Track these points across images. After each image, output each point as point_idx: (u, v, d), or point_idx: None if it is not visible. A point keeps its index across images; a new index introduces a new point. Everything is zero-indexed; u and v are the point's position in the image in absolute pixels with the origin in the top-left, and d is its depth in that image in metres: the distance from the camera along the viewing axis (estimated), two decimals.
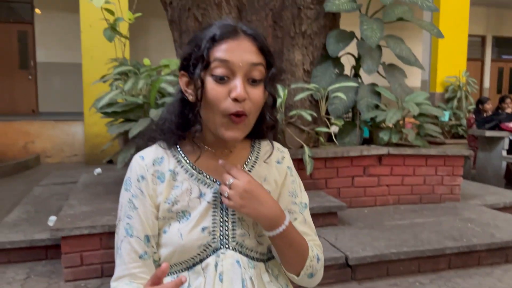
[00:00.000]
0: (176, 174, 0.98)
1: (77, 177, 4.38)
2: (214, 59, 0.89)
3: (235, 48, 0.90)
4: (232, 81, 0.89)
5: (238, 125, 0.91)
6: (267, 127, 1.03)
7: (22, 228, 2.93)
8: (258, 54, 0.92)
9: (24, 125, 7.43)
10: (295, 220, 1.06)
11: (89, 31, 6.65)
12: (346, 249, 2.63)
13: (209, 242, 0.96)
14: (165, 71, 3.44)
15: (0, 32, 9.20)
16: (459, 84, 8.16)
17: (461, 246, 2.77)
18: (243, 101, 0.89)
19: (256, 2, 3.71)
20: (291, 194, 1.07)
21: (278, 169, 1.07)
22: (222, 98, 0.89)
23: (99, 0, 3.15)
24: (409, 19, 3.98)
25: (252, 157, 1.05)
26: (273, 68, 0.95)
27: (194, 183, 0.98)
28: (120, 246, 0.97)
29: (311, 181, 3.42)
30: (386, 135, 3.67)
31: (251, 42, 0.92)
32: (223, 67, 0.89)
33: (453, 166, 3.81)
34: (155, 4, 4.79)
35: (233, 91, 0.88)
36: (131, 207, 0.97)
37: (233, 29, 0.92)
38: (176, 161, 0.99)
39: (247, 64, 0.90)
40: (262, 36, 0.95)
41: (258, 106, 0.93)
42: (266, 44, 0.94)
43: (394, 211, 3.52)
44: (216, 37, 0.90)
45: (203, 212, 0.96)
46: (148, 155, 0.99)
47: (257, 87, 0.92)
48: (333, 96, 3.67)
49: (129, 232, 0.96)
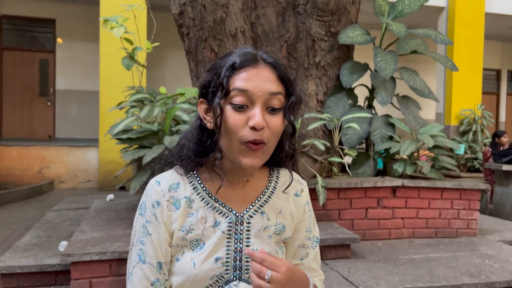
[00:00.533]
0: (192, 202, 0.97)
1: (89, 203, 4.40)
2: (234, 88, 0.89)
3: (255, 77, 0.90)
4: (251, 109, 0.89)
5: (256, 153, 0.90)
6: (286, 156, 1.03)
7: (33, 252, 2.93)
8: (277, 83, 0.92)
9: (40, 150, 7.56)
10: (307, 255, 1.07)
11: (108, 60, 6.84)
12: (359, 283, 2.56)
13: (222, 274, 0.95)
14: (181, 100, 3.49)
15: (23, 60, 9.51)
16: (474, 117, 8.11)
17: (479, 283, 2.67)
18: (261, 130, 0.89)
19: (271, 33, 3.79)
20: (308, 229, 1.07)
21: (295, 203, 1.05)
22: (240, 126, 0.89)
23: (119, 30, 3.25)
24: (423, 52, 4.01)
25: (269, 187, 1.04)
26: (293, 96, 0.94)
27: (209, 212, 0.97)
28: (132, 271, 0.96)
29: (323, 212, 3.37)
30: (400, 167, 3.63)
31: (270, 71, 0.92)
32: (242, 96, 0.89)
33: (469, 200, 3.73)
34: (172, 34, 4.92)
35: (251, 119, 0.88)
36: (144, 233, 0.96)
37: (253, 57, 0.92)
38: (192, 188, 0.98)
39: (266, 94, 0.89)
40: (282, 65, 0.95)
41: (276, 134, 0.93)
42: (286, 73, 0.94)
43: (408, 245, 3.44)
44: (236, 65, 0.90)
45: (217, 242, 0.95)
46: (165, 181, 0.99)
47: (276, 116, 0.92)
48: (347, 127, 3.67)
49: (142, 258, 0.95)
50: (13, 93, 9.42)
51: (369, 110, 4.02)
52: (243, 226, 0.98)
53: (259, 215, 0.99)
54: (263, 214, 1.00)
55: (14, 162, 7.40)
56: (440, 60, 4.08)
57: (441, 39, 3.98)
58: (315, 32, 3.81)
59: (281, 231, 1.02)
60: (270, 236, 1.00)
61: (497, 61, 12.50)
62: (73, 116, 9.65)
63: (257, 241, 0.98)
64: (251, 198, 1.01)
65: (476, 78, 8.47)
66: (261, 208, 1.00)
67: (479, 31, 8.47)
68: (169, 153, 1.05)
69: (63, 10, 9.39)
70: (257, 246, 0.98)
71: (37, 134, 9.52)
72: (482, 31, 8.51)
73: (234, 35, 3.53)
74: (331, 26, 3.85)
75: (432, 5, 8.41)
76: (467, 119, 8.17)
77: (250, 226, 0.98)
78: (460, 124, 8.30)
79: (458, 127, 8.31)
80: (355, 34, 3.82)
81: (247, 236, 0.98)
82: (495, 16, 9.12)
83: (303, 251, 1.06)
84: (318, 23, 3.81)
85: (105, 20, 3.32)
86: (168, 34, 6.62)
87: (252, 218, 0.99)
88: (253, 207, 1.00)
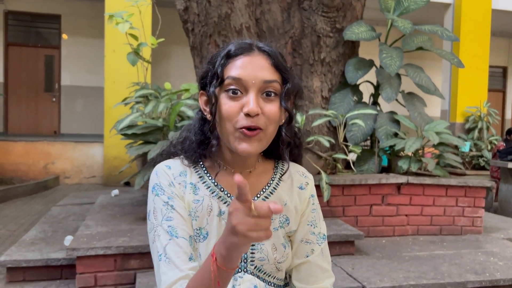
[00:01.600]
0: (197, 189, 0.96)
1: (94, 198, 4.42)
2: (228, 77, 0.89)
3: (248, 65, 0.89)
4: (245, 96, 0.89)
5: (251, 139, 0.89)
6: (283, 143, 1.01)
7: (38, 247, 2.95)
8: (272, 71, 0.91)
9: (46, 146, 7.59)
10: (312, 251, 1.03)
11: (113, 56, 6.85)
12: (363, 280, 2.56)
13: None
14: (185, 95, 3.49)
15: (28, 56, 9.54)
16: (480, 115, 8.06)
17: (484, 280, 2.66)
18: (256, 116, 0.88)
19: (276, 29, 3.78)
20: (311, 223, 1.05)
21: (299, 196, 1.04)
22: (235, 113, 0.88)
23: (124, 26, 3.26)
24: (429, 48, 3.99)
25: (274, 179, 1.03)
26: (288, 83, 0.93)
27: (214, 200, 0.96)
28: (166, 250, 0.88)
29: (328, 209, 3.37)
30: (405, 164, 3.62)
31: (265, 59, 0.91)
32: (236, 84, 0.89)
33: (474, 197, 3.71)
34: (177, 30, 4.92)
35: (245, 106, 0.88)
36: (169, 209, 0.92)
37: (248, 46, 0.92)
38: (198, 176, 0.98)
39: (260, 81, 0.89)
40: (277, 53, 0.94)
41: (274, 121, 0.91)
42: (281, 61, 0.93)
43: (413, 242, 3.43)
44: (230, 53, 0.91)
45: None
46: (174, 166, 0.98)
47: (272, 103, 0.91)
48: (351, 123, 3.66)
49: (174, 234, 0.90)
50: (18, 88, 9.46)
51: (374, 107, 4.01)
52: None
53: None
54: None
55: (19, 158, 7.44)
56: (446, 57, 4.06)
57: (447, 35, 3.96)
58: (320, 28, 3.80)
59: (284, 223, 1.01)
60: (276, 228, 1.00)
61: (503, 58, 12.41)
62: (78, 111, 9.69)
63: None
64: (256, 189, 1.00)
65: (482, 75, 8.41)
66: (266, 199, 1.00)
67: (486, 28, 8.41)
68: (171, 145, 1.04)
69: (68, 6, 9.41)
70: None
71: (42, 130, 9.57)
72: (488, 27, 8.44)
73: (239, 31, 3.53)
74: (337, 22, 3.84)
75: (438, 1, 8.35)
76: (472, 117, 8.13)
77: None
78: (465, 122, 8.26)
79: (464, 125, 8.26)
80: (361, 30, 3.81)
81: None
82: (502, 12, 9.04)
83: (307, 246, 1.03)
84: (323, 19, 3.79)
85: (111, 16, 3.32)
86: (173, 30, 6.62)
87: None
88: (258, 198, 0.99)
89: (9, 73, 9.41)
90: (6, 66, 9.38)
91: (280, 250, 0.99)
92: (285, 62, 0.95)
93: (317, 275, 1.03)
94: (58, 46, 9.62)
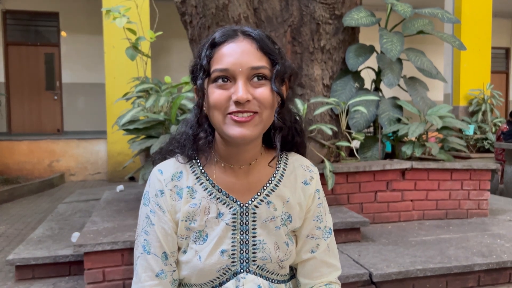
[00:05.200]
0: (194, 192, 0.94)
1: (99, 194, 4.44)
2: (214, 70, 0.86)
3: (233, 52, 0.86)
4: (234, 85, 0.86)
5: (246, 124, 0.86)
6: (274, 128, 0.95)
7: (46, 244, 2.97)
8: (258, 55, 0.87)
9: (50, 144, 7.62)
10: (318, 247, 1.01)
11: (112, 52, 6.83)
12: (370, 266, 2.56)
13: (229, 266, 0.93)
14: (186, 88, 3.48)
15: (28, 54, 9.54)
16: (483, 97, 8.00)
17: (491, 263, 2.66)
18: (246, 103, 0.85)
19: (274, 18, 3.75)
20: (316, 218, 1.02)
21: (304, 191, 1.00)
22: (223, 101, 0.86)
23: (122, 20, 3.24)
24: (430, 31, 3.94)
25: (276, 174, 0.99)
26: (278, 65, 0.89)
27: (212, 202, 0.94)
28: (137, 262, 0.94)
29: (332, 197, 3.37)
30: (409, 149, 3.60)
31: (250, 43, 0.88)
32: (223, 75, 0.86)
33: (479, 180, 3.70)
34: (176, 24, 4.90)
35: (234, 94, 0.85)
36: (148, 223, 0.93)
37: (232, 32, 0.89)
38: (195, 177, 0.95)
39: (247, 69, 0.86)
40: (264, 36, 0.90)
41: (268, 105, 0.88)
42: (268, 43, 0.89)
43: (418, 227, 3.43)
44: (215, 41, 0.88)
45: (222, 234, 0.93)
46: (167, 170, 0.96)
47: (263, 87, 0.87)
48: (354, 110, 3.64)
49: (146, 249, 0.93)
50: (20, 88, 9.48)
51: (376, 93, 3.99)
52: (249, 217, 0.95)
53: (265, 205, 0.96)
54: (270, 204, 0.96)
55: (24, 157, 7.48)
56: (447, 40, 4.01)
57: (448, 18, 3.91)
58: (319, 15, 3.76)
59: (286, 220, 0.98)
60: (278, 227, 0.97)
61: (506, 39, 12.29)
62: (80, 109, 9.70)
63: (263, 232, 0.95)
64: (257, 187, 0.97)
65: (484, 57, 8.33)
66: (267, 197, 0.96)
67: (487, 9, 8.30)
68: (169, 141, 1.02)
69: (66, 3, 9.38)
70: (264, 237, 0.95)
71: (45, 128, 9.59)
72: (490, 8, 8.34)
73: (237, 21, 3.50)
74: (335, 9, 3.80)
75: None
76: (476, 99, 8.06)
77: (255, 216, 0.95)
78: (469, 105, 8.20)
79: (467, 108, 8.21)
80: (360, 16, 3.77)
81: (253, 226, 0.95)
82: None
83: (313, 242, 1.01)
84: (322, 6, 3.76)
85: (107, 11, 3.31)
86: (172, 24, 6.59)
87: (258, 208, 0.95)
88: (259, 196, 0.96)
89: (10, 72, 9.42)
90: (7, 65, 9.39)
91: (283, 249, 0.97)
92: (273, 44, 0.91)
93: (322, 271, 1.02)
94: (58, 44, 9.61)
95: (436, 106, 3.88)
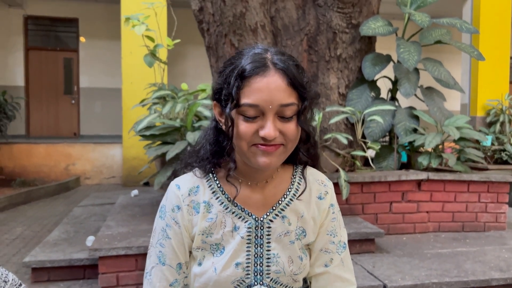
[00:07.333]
0: (211, 206, 0.96)
1: (114, 199, 4.48)
2: (243, 104, 0.86)
3: (264, 88, 0.85)
4: (262, 119, 0.87)
5: (272, 153, 0.88)
6: (300, 163, 1.01)
7: (61, 247, 3.01)
8: (288, 92, 0.87)
9: (66, 148, 7.73)
10: (331, 261, 1.02)
11: (130, 57, 6.92)
12: (384, 278, 2.53)
13: (243, 278, 0.95)
14: (202, 95, 3.51)
15: (48, 59, 9.73)
16: (501, 108, 7.87)
17: (509, 278, 2.61)
18: (272, 140, 0.87)
19: (291, 27, 3.76)
20: (330, 233, 1.03)
21: (318, 206, 1.01)
22: (251, 133, 0.87)
23: (141, 28, 3.29)
24: (448, 41, 3.91)
25: (291, 189, 1.01)
26: (306, 101, 0.89)
27: (228, 216, 0.96)
28: (151, 272, 0.97)
29: (347, 206, 3.35)
30: (425, 160, 3.56)
31: (281, 79, 0.86)
32: (253, 110, 0.86)
33: (497, 192, 3.63)
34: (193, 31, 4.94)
35: (262, 130, 0.86)
36: (164, 236, 0.97)
37: (263, 63, 0.87)
38: (212, 192, 0.97)
39: (277, 106, 0.86)
40: (293, 68, 0.89)
41: (293, 138, 0.90)
42: (298, 77, 0.88)
43: (434, 239, 3.38)
44: (245, 74, 0.87)
45: (237, 248, 0.95)
46: (184, 185, 0.98)
47: (290, 122, 0.89)
48: (370, 120, 3.62)
49: (161, 260, 0.96)
50: (39, 92, 9.66)
51: (392, 103, 3.96)
52: (263, 231, 0.96)
53: (279, 219, 0.97)
54: (284, 218, 0.98)
55: (41, 160, 7.60)
56: (465, 50, 3.97)
57: (466, 28, 3.88)
58: (336, 24, 3.76)
59: (301, 235, 0.99)
60: (292, 241, 0.98)
61: None
62: (97, 113, 9.84)
63: (277, 246, 0.97)
64: (272, 201, 0.98)
65: (503, 67, 8.21)
66: (282, 212, 0.98)
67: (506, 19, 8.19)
68: (188, 153, 1.03)
69: (85, 9, 9.55)
70: (278, 251, 0.96)
71: (62, 132, 9.74)
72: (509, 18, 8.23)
73: (254, 30, 3.52)
74: (352, 18, 3.80)
75: None
76: (494, 110, 7.93)
77: (270, 230, 0.97)
78: (486, 115, 8.07)
79: (485, 118, 8.08)
80: (377, 25, 3.76)
81: (267, 240, 0.96)
82: None
83: (326, 256, 1.02)
84: (339, 15, 3.76)
85: (127, 18, 3.36)
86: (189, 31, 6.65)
87: (273, 222, 0.97)
88: (274, 211, 0.98)
89: (30, 77, 9.61)
90: (27, 70, 9.58)
91: (296, 263, 0.98)
92: (301, 75, 0.90)
93: (336, 286, 1.02)
94: (76, 49, 9.79)
95: (453, 116, 3.83)
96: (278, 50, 0.92)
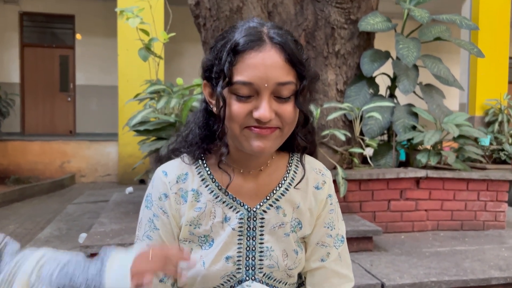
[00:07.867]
0: (199, 195, 0.89)
1: (109, 196, 4.42)
2: (236, 81, 0.78)
3: (259, 65, 0.77)
4: (257, 99, 0.79)
5: (267, 137, 0.80)
6: (298, 148, 0.92)
7: (53, 244, 2.95)
8: (286, 69, 0.79)
9: (62, 145, 7.67)
10: (328, 255, 0.95)
11: (126, 55, 6.86)
12: (382, 276, 2.48)
13: (234, 273, 0.88)
14: (198, 91, 3.45)
15: (43, 56, 9.65)
16: (500, 107, 7.86)
17: (509, 277, 2.56)
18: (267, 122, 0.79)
19: (289, 22, 3.71)
20: (328, 225, 0.96)
21: (315, 196, 0.94)
22: (243, 114, 0.79)
23: (135, 20, 3.23)
24: (447, 38, 3.87)
25: (287, 178, 0.93)
26: (305, 81, 0.81)
27: (218, 206, 0.89)
28: None
29: (344, 204, 3.30)
30: (424, 157, 3.52)
31: (278, 54, 0.79)
32: (247, 88, 0.78)
33: (497, 191, 3.60)
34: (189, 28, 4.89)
35: (256, 110, 0.78)
36: (152, 228, 0.89)
37: (258, 37, 0.79)
38: (201, 179, 0.90)
39: (273, 84, 0.78)
40: (291, 43, 0.81)
41: (290, 121, 0.83)
42: (296, 53, 0.81)
43: (433, 238, 3.34)
44: (238, 48, 0.78)
45: (228, 240, 0.88)
46: (172, 171, 0.90)
47: (287, 103, 0.81)
48: (368, 116, 3.57)
49: None
50: (34, 89, 9.58)
51: (391, 99, 3.91)
52: (256, 222, 0.89)
53: (274, 210, 0.90)
54: (279, 209, 0.91)
55: (36, 157, 7.52)
56: (465, 47, 3.93)
57: (466, 24, 3.83)
58: (334, 19, 3.71)
59: (296, 227, 0.92)
60: (287, 234, 0.91)
61: None
62: (93, 111, 9.77)
63: (271, 239, 0.90)
64: (266, 190, 0.91)
65: (502, 67, 8.19)
66: (276, 202, 0.91)
67: (505, 18, 8.17)
68: (176, 138, 0.96)
69: (81, 6, 9.48)
70: (271, 244, 0.90)
71: (58, 129, 9.67)
72: (508, 18, 8.21)
73: None
74: (351, 14, 3.75)
75: None
76: (492, 109, 7.92)
77: (263, 222, 0.90)
78: (485, 115, 8.05)
79: (483, 118, 8.06)
80: (376, 21, 3.71)
81: (260, 232, 0.89)
82: None
83: (323, 250, 0.95)
84: (337, 10, 3.71)
85: (121, 11, 3.30)
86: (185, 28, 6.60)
87: (266, 213, 0.90)
88: (268, 201, 0.91)
89: (25, 74, 9.53)
90: (22, 66, 9.50)
91: (291, 257, 0.91)
92: (300, 52, 0.82)
93: (332, 281, 0.95)
94: (73, 46, 9.71)
95: (452, 114, 3.79)
96: (275, 25, 0.84)
